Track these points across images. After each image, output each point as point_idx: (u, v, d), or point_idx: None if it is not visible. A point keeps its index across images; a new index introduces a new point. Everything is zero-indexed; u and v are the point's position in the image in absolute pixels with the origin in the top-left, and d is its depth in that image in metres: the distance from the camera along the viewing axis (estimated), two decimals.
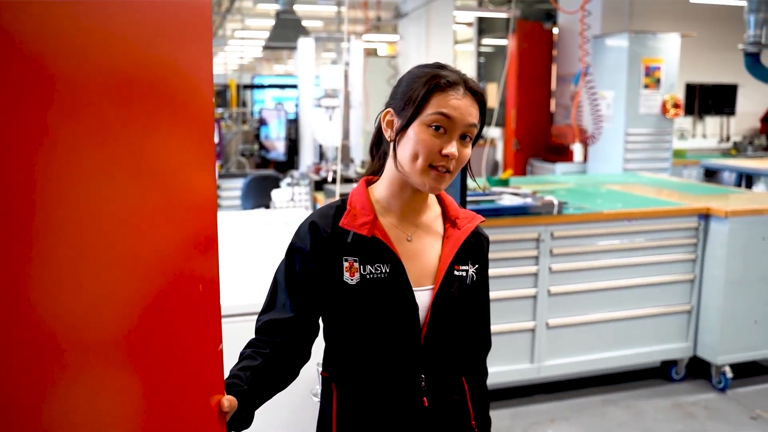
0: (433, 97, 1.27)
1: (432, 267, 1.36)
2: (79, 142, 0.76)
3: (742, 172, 6.80)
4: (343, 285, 1.31)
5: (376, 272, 1.31)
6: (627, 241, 3.68)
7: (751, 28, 5.07)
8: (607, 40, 6.99)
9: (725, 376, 3.77)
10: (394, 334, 1.33)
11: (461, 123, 1.26)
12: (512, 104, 8.29)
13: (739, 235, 3.70)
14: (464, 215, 1.43)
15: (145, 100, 0.85)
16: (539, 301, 3.53)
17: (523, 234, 3.47)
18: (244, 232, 3.29)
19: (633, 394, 3.75)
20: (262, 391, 1.28)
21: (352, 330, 1.35)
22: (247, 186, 6.04)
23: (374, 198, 1.38)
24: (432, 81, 1.27)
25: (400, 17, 8.14)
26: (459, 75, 1.31)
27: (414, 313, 1.32)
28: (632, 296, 3.71)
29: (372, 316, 1.32)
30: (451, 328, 1.38)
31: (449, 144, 1.26)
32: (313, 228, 1.34)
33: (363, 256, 1.31)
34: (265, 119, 7.77)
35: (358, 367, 1.37)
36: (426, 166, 1.26)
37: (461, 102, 1.27)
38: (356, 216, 1.33)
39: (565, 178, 5.31)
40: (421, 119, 1.26)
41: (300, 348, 1.38)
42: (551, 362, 3.60)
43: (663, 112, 6.84)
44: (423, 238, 1.38)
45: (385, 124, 1.36)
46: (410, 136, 1.27)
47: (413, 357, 1.34)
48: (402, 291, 1.31)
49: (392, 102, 1.35)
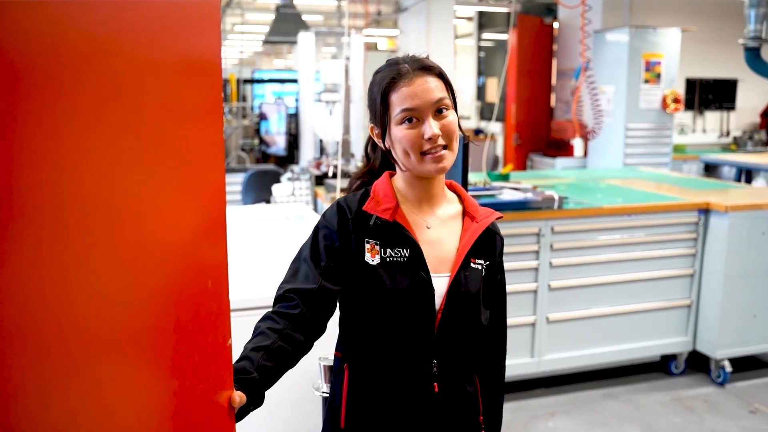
0: (390, 98, 1.35)
1: (450, 255, 1.41)
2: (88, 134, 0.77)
3: (741, 167, 6.81)
4: (365, 265, 1.37)
5: (395, 255, 1.37)
6: (627, 236, 3.68)
7: (752, 23, 5.07)
8: (608, 35, 6.98)
9: (724, 370, 3.78)
10: (409, 317, 1.36)
11: (426, 104, 1.33)
12: (512, 99, 8.29)
13: (739, 229, 3.71)
14: (482, 210, 1.49)
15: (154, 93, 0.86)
16: (539, 295, 3.54)
17: (523, 229, 3.48)
18: (244, 227, 3.29)
19: (633, 388, 3.76)
20: (274, 373, 1.28)
21: (369, 310, 1.39)
22: (247, 181, 6.05)
23: (396, 188, 1.45)
24: (382, 83, 1.37)
25: (400, 11, 8.12)
26: (407, 62, 1.37)
27: (430, 297, 1.36)
28: (632, 291, 3.72)
29: (390, 298, 1.36)
30: (465, 317, 1.40)
31: (426, 127, 1.33)
32: (340, 209, 1.41)
33: (384, 240, 1.38)
34: (265, 114, 7.76)
35: (372, 347, 1.40)
36: (419, 156, 1.34)
37: (415, 88, 1.33)
38: (379, 202, 1.40)
39: (566, 173, 5.31)
40: (393, 121, 1.35)
41: (317, 322, 1.38)
42: (551, 356, 3.61)
43: (663, 107, 6.84)
44: (442, 227, 1.43)
45: (375, 137, 1.46)
46: (393, 139, 1.36)
47: (427, 341, 1.37)
48: (420, 275, 1.36)
49: (370, 116, 1.45)
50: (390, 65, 1.40)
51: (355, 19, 8.95)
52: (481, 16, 10.54)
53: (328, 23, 11.20)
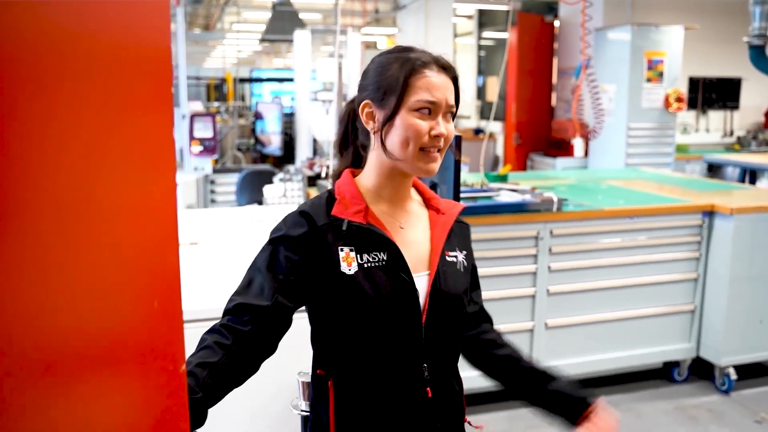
0: (411, 81, 1.27)
1: (425, 253, 1.36)
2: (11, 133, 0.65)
3: (745, 167, 6.71)
4: (340, 276, 1.27)
5: (373, 260, 1.29)
6: (628, 239, 3.57)
7: (757, 21, 4.97)
8: (609, 33, 6.88)
9: (729, 377, 3.67)
10: (396, 323, 1.29)
11: (444, 103, 1.28)
12: (513, 98, 8.19)
13: (745, 232, 3.59)
14: (445, 203, 1.44)
15: (88, 84, 0.74)
16: (538, 300, 3.43)
17: (521, 232, 3.37)
18: (231, 229, 3.18)
19: (634, 397, 3.65)
20: (218, 392, 1.21)
21: (351, 322, 1.30)
22: (241, 181, 5.93)
23: (362, 188, 1.36)
24: (406, 65, 1.28)
25: (398, 9, 8.01)
26: (429, 54, 1.31)
27: (414, 299, 1.30)
28: (634, 296, 3.61)
29: (372, 305, 1.28)
30: (450, 313, 1.36)
31: (437, 124, 1.27)
32: (306, 217, 1.31)
33: (359, 245, 1.29)
34: (261, 113, 7.66)
35: (359, 360, 1.32)
36: (418, 150, 1.27)
37: (440, 82, 1.28)
38: (347, 205, 1.31)
39: (566, 174, 5.20)
40: (407, 106, 1.27)
41: (268, 341, 1.30)
42: (550, 364, 3.48)
43: (666, 106, 6.74)
44: (414, 225, 1.38)
45: (365, 117, 1.33)
46: (398, 124, 1.27)
47: (415, 345, 1.31)
48: (401, 277, 1.29)
49: (367, 93, 1.33)
50: (406, 50, 1.32)
51: (354, 18, 8.84)
52: (482, 15, 10.43)
53: (328, 22, 11.09)
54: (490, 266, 3.31)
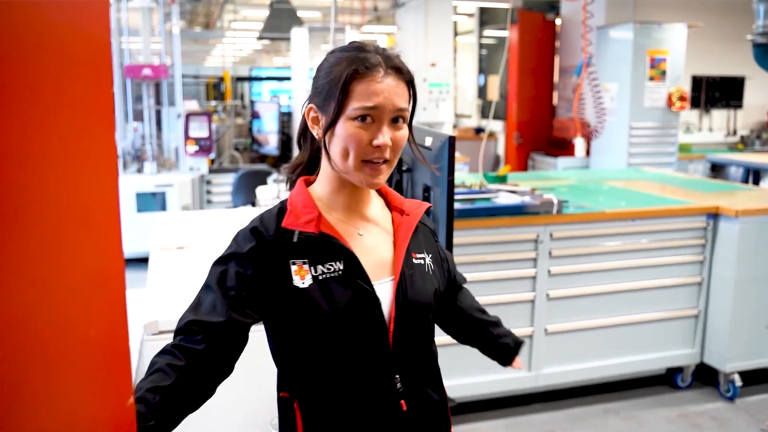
0: (353, 87, 1.18)
1: (388, 258, 1.29)
2: None
3: (749, 167, 6.63)
4: (294, 290, 1.20)
5: (328, 271, 1.21)
6: (631, 242, 3.47)
7: (761, 18, 4.89)
8: (611, 31, 6.79)
9: (734, 384, 3.57)
10: (359, 336, 1.22)
11: (388, 109, 1.18)
12: (514, 97, 8.09)
13: (750, 235, 3.49)
14: (410, 203, 1.37)
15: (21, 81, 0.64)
16: (537, 305, 3.33)
17: (520, 235, 3.27)
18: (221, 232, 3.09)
19: (636, 404, 3.55)
20: (172, 418, 1.12)
21: (311, 338, 1.22)
22: (237, 181, 5.85)
23: (316, 196, 1.29)
24: (348, 69, 1.18)
25: (398, 6, 7.91)
26: (379, 54, 1.21)
27: (377, 308, 1.23)
28: (636, 300, 3.51)
29: (330, 319, 1.20)
30: (419, 319, 1.29)
31: (379, 133, 1.18)
32: (254, 233, 1.24)
33: (312, 256, 1.22)
34: (258, 112, 7.57)
35: (324, 379, 1.24)
36: (359, 162, 1.20)
37: (384, 86, 1.18)
38: (298, 215, 1.24)
39: (566, 174, 5.11)
40: (346, 114, 1.18)
41: (224, 360, 1.22)
42: (550, 370, 3.40)
43: (668, 105, 6.65)
44: (374, 231, 1.31)
45: (310, 122, 1.27)
46: (338, 134, 1.20)
47: (383, 357, 1.24)
48: (360, 286, 1.22)
49: (314, 97, 1.26)
50: (357, 50, 1.22)
51: (353, 16, 8.74)
52: (483, 13, 10.33)
53: (326, 20, 10.99)
54: (488, 270, 3.22)
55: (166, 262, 2.59)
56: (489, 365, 1.58)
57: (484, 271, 3.21)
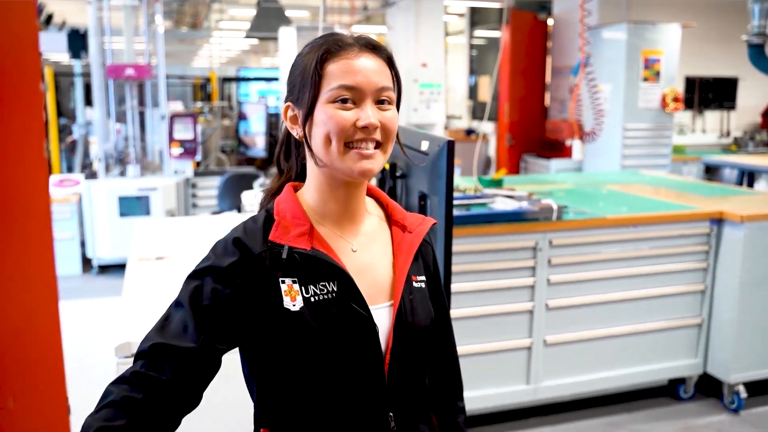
0: (326, 68, 1.06)
1: (386, 280, 1.15)
2: None
3: (744, 169, 6.56)
4: (284, 313, 1.05)
5: (321, 293, 1.07)
6: (632, 249, 3.34)
7: (756, 18, 4.84)
8: (605, 32, 6.68)
9: (739, 395, 3.45)
10: (351, 367, 1.08)
11: (369, 88, 1.06)
12: (505, 98, 7.97)
13: (756, 241, 3.37)
14: (412, 218, 1.22)
15: None
16: (536, 316, 3.19)
17: (518, 242, 3.13)
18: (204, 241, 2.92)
19: (638, 416, 3.42)
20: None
21: (298, 368, 1.07)
22: (223, 185, 5.68)
23: (306, 205, 1.14)
24: (319, 50, 1.07)
25: (388, 6, 7.78)
26: (351, 36, 1.10)
27: (374, 337, 1.09)
28: (637, 309, 3.38)
29: (323, 347, 1.06)
30: (417, 350, 1.15)
31: (362, 113, 1.05)
32: (238, 245, 1.08)
33: (303, 275, 1.08)
34: (245, 114, 7.40)
35: (310, 415, 1.09)
36: (342, 146, 1.05)
37: (361, 65, 1.06)
38: (288, 227, 1.09)
39: (563, 177, 4.98)
40: (323, 98, 1.06)
41: (191, 391, 1.05)
42: (549, 383, 3.26)
43: (663, 106, 6.55)
44: (370, 247, 1.16)
45: (289, 122, 1.14)
46: (317, 122, 1.07)
47: (377, 392, 1.10)
48: (356, 311, 1.08)
49: (290, 95, 1.13)
50: (326, 36, 1.11)
51: (342, 15, 8.59)
52: (474, 13, 10.21)
53: (315, 19, 10.84)
54: (484, 280, 3.07)
55: (144, 274, 2.42)
56: (484, 379, 1.38)
57: (480, 280, 3.06)
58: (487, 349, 3.10)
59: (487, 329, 3.10)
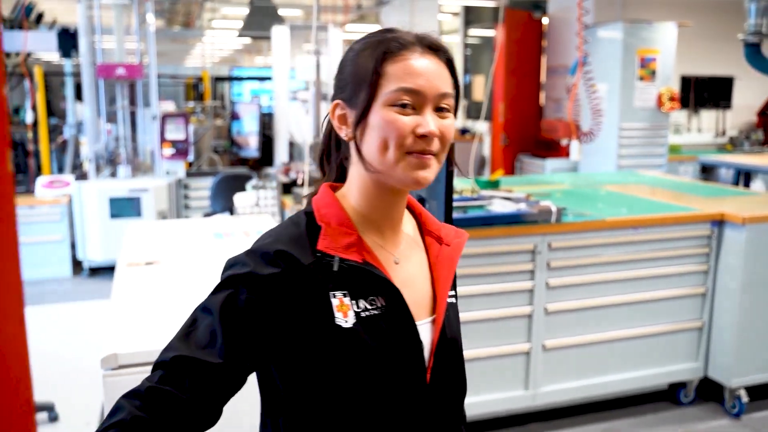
0: (385, 67, 0.98)
1: (426, 294, 1.08)
2: None
3: (740, 168, 6.53)
4: (335, 329, 0.97)
5: (372, 308, 1.00)
6: (632, 252, 3.28)
7: (752, 17, 4.79)
8: (600, 31, 6.63)
9: (740, 400, 3.40)
10: (396, 384, 1.01)
11: (431, 93, 0.98)
12: (500, 97, 7.91)
13: (758, 243, 3.32)
14: (446, 229, 1.15)
15: None
16: (535, 320, 3.13)
17: (516, 245, 3.07)
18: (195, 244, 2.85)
19: (637, 422, 3.37)
20: None
21: (341, 386, 0.99)
22: (216, 186, 5.59)
23: (350, 210, 1.05)
24: (379, 48, 0.98)
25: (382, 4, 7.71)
26: (412, 34, 1.01)
27: (419, 353, 1.03)
28: (637, 313, 3.33)
29: (373, 365, 0.99)
30: (455, 366, 1.10)
31: (423, 120, 0.98)
32: (282, 256, 0.98)
33: (353, 289, 1.00)
34: (238, 113, 7.32)
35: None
36: (402, 153, 0.98)
37: (423, 67, 0.98)
38: (335, 236, 1.00)
39: (560, 178, 4.92)
40: (381, 101, 0.98)
41: (210, 411, 0.95)
42: (548, 388, 3.20)
43: (658, 106, 6.50)
44: (410, 259, 1.09)
45: (337, 122, 1.05)
46: (372, 125, 0.99)
47: (419, 410, 1.04)
48: (404, 327, 1.02)
49: (340, 92, 1.04)
50: (384, 32, 1.03)
51: (335, 14, 8.52)
52: (468, 12, 10.15)
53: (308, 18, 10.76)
54: (482, 283, 3.01)
55: (133, 280, 2.35)
56: (482, 384, 1.31)
57: (478, 284, 3.00)
58: (485, 354, 3.03)
59: (485, 334, 3.04)
